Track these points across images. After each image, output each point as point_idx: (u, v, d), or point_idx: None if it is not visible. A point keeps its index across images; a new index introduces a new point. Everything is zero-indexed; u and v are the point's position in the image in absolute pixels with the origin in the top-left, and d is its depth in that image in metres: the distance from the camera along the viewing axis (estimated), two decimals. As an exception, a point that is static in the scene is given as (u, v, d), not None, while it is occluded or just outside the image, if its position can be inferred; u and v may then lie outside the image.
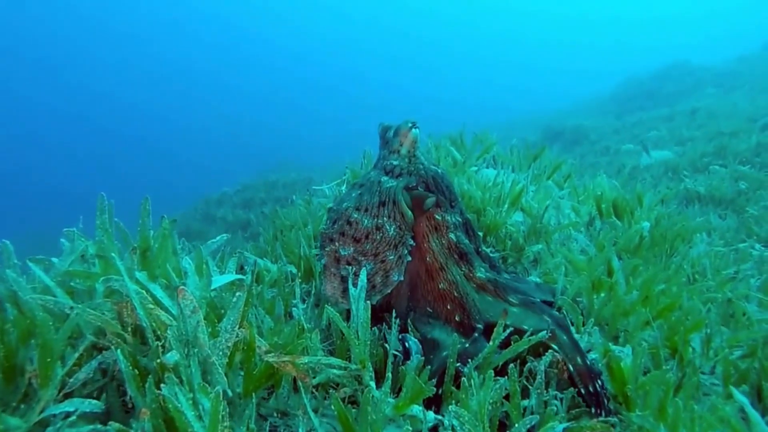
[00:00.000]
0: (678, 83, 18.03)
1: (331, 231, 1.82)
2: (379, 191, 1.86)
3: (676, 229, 2.97)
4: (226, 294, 1.62)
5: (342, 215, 1.83)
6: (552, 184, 3.44)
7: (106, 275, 1.43)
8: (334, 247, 1.78)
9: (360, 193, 1.89)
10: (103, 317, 1.35)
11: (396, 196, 1.84)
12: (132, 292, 1.35)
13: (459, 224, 1.95)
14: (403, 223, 1.81)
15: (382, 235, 1.77)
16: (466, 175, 3.12)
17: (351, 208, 1.83)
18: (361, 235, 1.77)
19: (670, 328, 2.06)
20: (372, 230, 1.77)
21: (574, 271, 2.34)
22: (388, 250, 1.77)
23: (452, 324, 1.76)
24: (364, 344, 1.51)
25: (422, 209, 1.86)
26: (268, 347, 1.49)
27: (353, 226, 1.78)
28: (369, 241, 1.76)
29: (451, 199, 1.98)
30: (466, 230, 1.98)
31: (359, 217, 1.80)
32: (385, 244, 1.77)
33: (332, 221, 1.85)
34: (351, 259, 1.75)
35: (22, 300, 1.34)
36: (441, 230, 1.90)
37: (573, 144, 13.92)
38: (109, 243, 1.53)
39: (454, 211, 1.96)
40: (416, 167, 1.97)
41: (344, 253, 1.76)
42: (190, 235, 13.75)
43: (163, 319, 1.38)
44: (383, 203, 1.83)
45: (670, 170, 7.67)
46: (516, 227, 2.80)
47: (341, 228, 1.80)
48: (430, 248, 1.87)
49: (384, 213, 1.81)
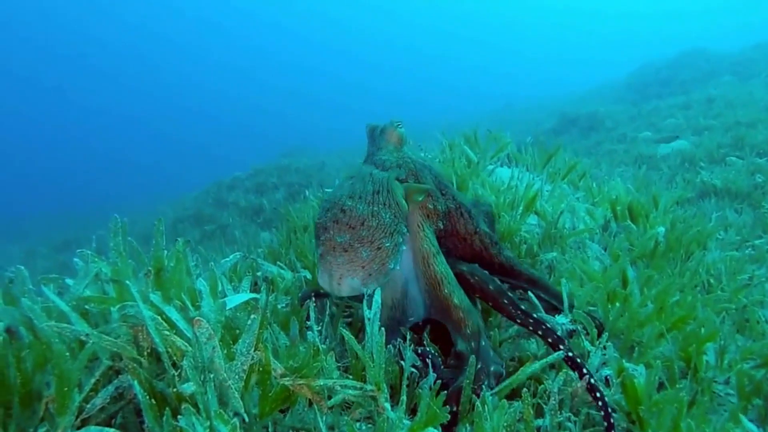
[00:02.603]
0: (694, 71, 17.67)
1: (324, 219, 1.82)
2: (372, 180, 1.89)
3: (692, 234, 2.92)
4: (241, 313, 1.63)
5: (335, 204, 1.83)
6: (567, 187, 3.40)
7: (121, 300, 1.45)
8: (329, 236, 1.76)
9: (352, 183, 1.91)
10: (119, 343, 1.36)
11: (390, 185, 1.87)
12: (147, 318, 1.36)
13: (450, 210, 2.03)
14: (398, 212, 1.83)
15: (378, 221, 1.78)
16: (480, 179, 3.09)
17: (344, 197, 1.84)
18: (356, 222, 1.77)
19: (684, 339, 2.05)
20: (368, 217, 1.78)
21: (589, 281, 2.32)
22: (384, 237, 1.76)
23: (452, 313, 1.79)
24: (380, 367, 1.52)
25: (415, 200, 1.92)
26: (283, 370, 1.50)
27: (347, 213, 1.79)
28: (365, 228, 1.76)
29: (440, 188, 2.05)
30: (461, 214, 2.04)
31: (353, 205, 1.80)
32: (381, 230, 1.77)
33: (325, 210, 1.86)
34: (347, 246, 1.74)
35: (38, 327, 1.36)
36: (432, 218, 1.98)
37: (589, 130, 13.74)
38: (124, 266, 1.54)
39: (445, 199, 2.03)
40: (404, 161, 2.04)
41: (340, 240, 1.75)
42: (202, 219, 13.84)
43: (178, 345, 1.39)
44: (377, 191, 1.86)
45: (686, 161, 7.55)
46: (530, 232, 2.78)
47: (335, 216, 1.80)
48: (426, 236, 1.91)
49: (379, 200, 1.83)
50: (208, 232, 12.79)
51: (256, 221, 12.94)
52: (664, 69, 19.29)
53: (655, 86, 17.94)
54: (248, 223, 12.77)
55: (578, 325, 2.03)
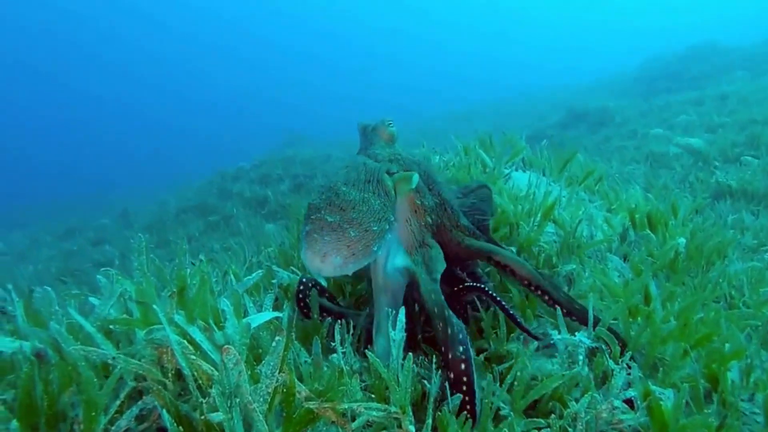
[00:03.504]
0: (705, 65, 17.40)
1: (318, 201, 1.89)
2: (365, 170, 2.01)
3: (713, 244, 2.88)
4: (264, 333, 1.61)
5: (330, 188, 1.92)
6: (584, 194, 3.35)
7: (146, 321, 1.43)
8: (320, 215, 1.82)
9: (347, 171, 2.02)
10: (144, 366, 1.35)
11: (380, 176, 1.99)
12: (174, 342, 1.34)
13: (437, 206, 2.14)
14: (387, 201, 1.93)
15: (368, 207, 1.87)
16: (497, 186, 3.05)
17: (339, 182, 1.93)
18: (347, 205, 1.85)
19: (708, 357, 2.02)
20: (359, 202, 1.87)
21: (610, 295, 2.29)
22: (372, 221, 1.84)
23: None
24: (405, 391, 1.50)
25: (403, 190, 2.03)
26: (308, 392, 1.48)
27: (341, 197, 1.87)
28: (355, 211, 1.84)
29: (428, 184, 2.16)
30: (444, 209, 2.16)
31: (347, 190, 1.90)
32: (371, 215, 1.85)
33: (320, 193, 1.93)
34: (336, 226, 1.80)
35: (65, 351, 1.34)
36: (420, 213, 2.09)
37: (598, 125, 13.61)
38: (149, 287, 1.52)
39: (433, 194, 2.15)
40: (395, 156, 2.18)
41: (330, 220, 1.80)
42: (207, 210, 13.80)
43: (205, 369, 1.37)
44: (369, 180, 1.97)
45: (700, 160, 7.45)
46: (548, 242, 2.75)
47: (329, 198, 1.87)
48: (411, 231, 2.06)
49: (369, 189, 1.94)
50: (213, 223, 12.78)
51: (260, 213, 12.90)
52: (674, 62, 19.02)
53: (665, 80, 17.71)
54: (253, 215, 12.74)
55: (601, 342, 2.01)
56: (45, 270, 10.87)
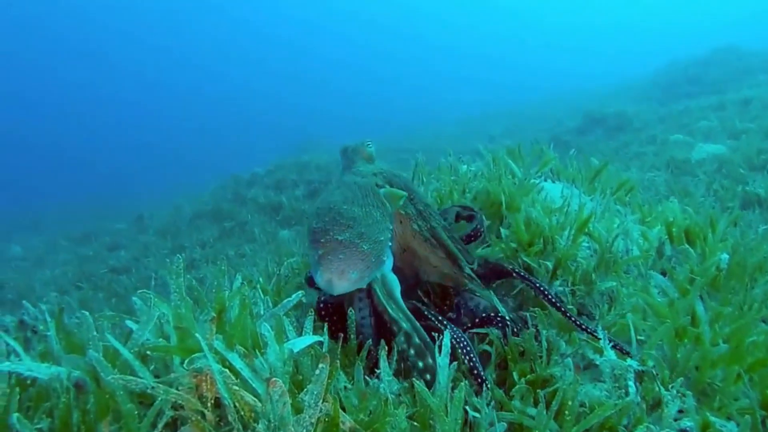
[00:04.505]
0: (726, 69, 17.08)
1: (322, 224, 1.94)
2: (358, 187, 2.11)
3: (756, 260, 2.77)
4: (305, 358, 1.54)
5: (330, 209, 1.98)
6: (617, 206, 3.25)
7: (183, 346, 1.37)
8: (330, 236, 1.87)
9: (341, 192, 2.09)
10: (183, 396, 1.29)
11: (373, 189, 2.12)
12: (216, 372, 1.28)
13: (418, 214, 2.24)
14: (385, 211, 2.04)
15: (373, 219, 1.96)
16: (530, 198, 2.97)
17: (338, 202, 2.00)
18: (354, 221, 1.93)
19: (763, 382, 1.93)
20: (363, 216, 1.96)
21: (654, 315, 2.20)
22: (379, 232, 1.93)
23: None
24: (455, 422, 1.42)
25: (395, 205, 2.14)
26: (353, 423, 1.41)
27: (345, 215, 1.94)
28: (363, 225, 1.92)
29: (410, 195, 2.26)
30: (423, 217, 2.25)
31: (349, 208, 1.98)
32: (376, 226, 1.95)
33: (321, 216, 1.98)
34: (348, 243, 1.86)
35: (104, 381, 1.29)
36: (405, 223, 2.20)
37: (616, 131, 13.44)
38: (187, 312, 1.47)
39: (414, 203, 2.26)
40: (379, 170, 2.32)
41: (341, 239, 1.86)
42: (221, 215, 13.84)
43: (247, 400, 1.31)
44: (366, 195, 2.07)
45: (724, 167, 7.28)
46: (585, 258, 2.66)
47: (333, 219, 1.94)
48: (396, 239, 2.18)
49: (369, 202, 2.03)
50: (227, 228, 12.80)
51: (275, 219, 12.90)
52: (693, 66, 18.70)
53: (684, 85, 17.43)
54: (267, 221, 12.74)
55: (651, 368, 1.92)
56: (62, 275, 10.95)
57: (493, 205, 3.13)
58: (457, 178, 3.46)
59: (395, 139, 21.85)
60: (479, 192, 3.24)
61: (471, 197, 3.26)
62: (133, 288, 8.57)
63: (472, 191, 3.30)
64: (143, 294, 1.53)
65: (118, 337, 1.60)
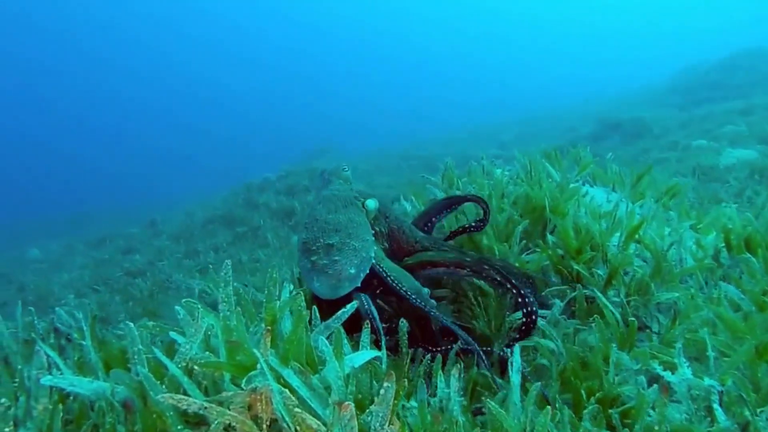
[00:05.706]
0: (750, 72, 16.72)
1: (311, 234, 2.04)
2: (339, 198, 2.25)
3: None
4: (363, 374, 1.40)
5: (317, 221, 2.10)
6: (668, 213, 3.09)
7: (234, 363, 1.24)
8: (321, 243, 1.97)
9: (323, 205, 2.21)
10: (238, 418, 1.16)
11: (352, 198, 2.26)
12: (276, 393, 1.15)
13: (393, 230, 2.36)
14: (366, 215, 2.23)
15: (357, 223, 2.10)
16: (575, 200, 2.81)
17: (323, 213, 2.14)
18: (341, 225, 2.05)
19: None
20: (348, 220, 2.09)
21: (727, 330, 2.03)
22: (365, 232, 2.07)
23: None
24: (536, 451, 1.27)
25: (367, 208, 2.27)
26: (422, 450, 1.27)
27: (331, 223, 2.07)
28: (350, 227, 2.06)
29: (384, 213, 2.38)
30: (403, 232, 2.38)
31: (334, 216, 2.11)
32: (362, 227, 2.09)
33: (309, 229, 2.09)
34: (340, 245, 1.95)
35: (153, 400, 1.16)
36: (378, 239, 2.28)
37: (634, 137, 13.19)
38: (239, 324, 1.33)
39: (388, 222, 2.37)
40: (353, 189, 2.41)
41: (332, 242, 1.96)
42: (234, 220, 13.79)
43: (309, 423, 1.17)
44: (346, 205, 2.21)
45: (756, 172, 7.05)
46: (639, 266, 2.50)
47: (321, 228, 2.05)
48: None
49: (350, 210, 2.18)
50: (240, 234, 12.73)
51: (287, 224, 12.81)
52: (714, 71, 18.35)
53: (704, 90, 17.10)
54: (280, 226, 12.65)
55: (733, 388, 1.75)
56: (79, 278, 10.97)
57: (534, 210, 2.98)
58: (493, 182, 3.31)
59: (403, 147, 21.77)
60: (518, 196, 3.09)
61: (509, 202, 3.12)
62: (148, 291, 8.54)
63: (511, 196, 3.15)
64: (188, 303, 1.40)
65: (154, 344, 1.47)
